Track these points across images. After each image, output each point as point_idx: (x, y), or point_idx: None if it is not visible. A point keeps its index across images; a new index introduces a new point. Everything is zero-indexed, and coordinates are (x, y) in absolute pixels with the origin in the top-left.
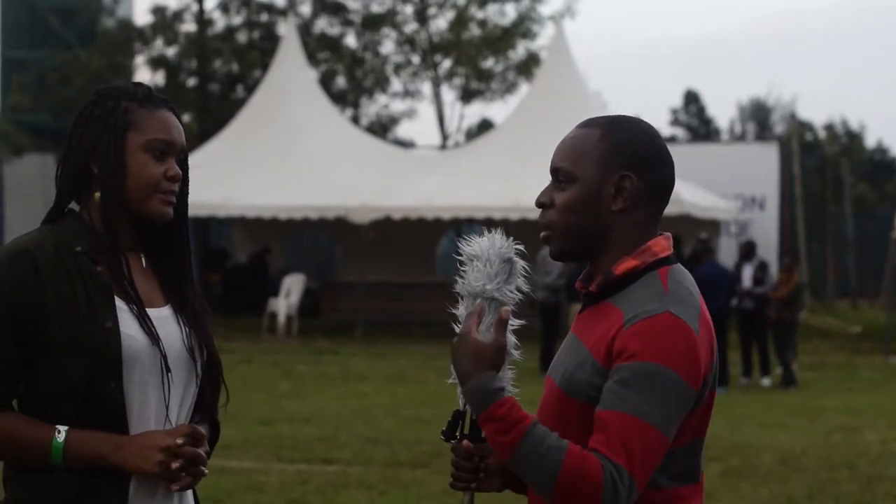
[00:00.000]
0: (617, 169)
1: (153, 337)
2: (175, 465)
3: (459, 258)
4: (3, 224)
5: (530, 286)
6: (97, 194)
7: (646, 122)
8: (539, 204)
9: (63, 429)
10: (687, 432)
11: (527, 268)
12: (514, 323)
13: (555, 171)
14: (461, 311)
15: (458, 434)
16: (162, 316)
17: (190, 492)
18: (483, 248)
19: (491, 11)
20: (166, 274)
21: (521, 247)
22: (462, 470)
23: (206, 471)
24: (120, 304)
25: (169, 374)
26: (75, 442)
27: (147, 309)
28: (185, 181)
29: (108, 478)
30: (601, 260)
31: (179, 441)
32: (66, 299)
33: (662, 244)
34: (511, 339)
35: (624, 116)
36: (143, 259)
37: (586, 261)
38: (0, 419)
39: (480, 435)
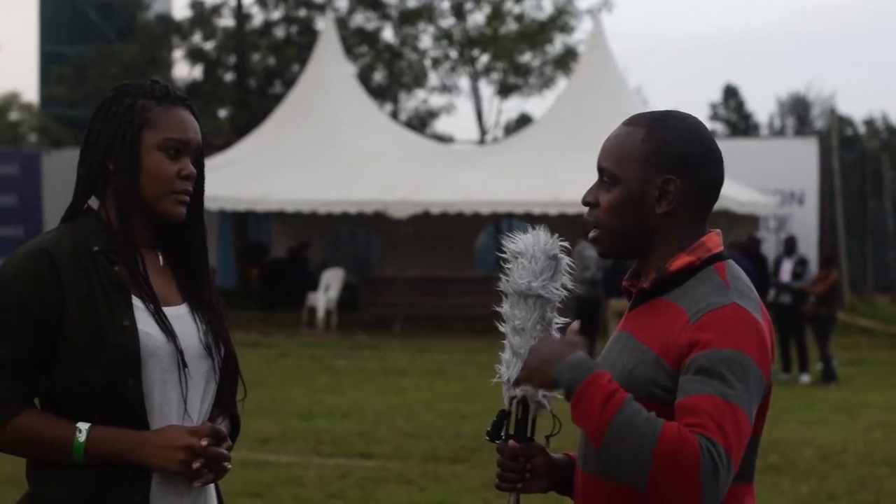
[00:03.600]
0: (660, 171)
1: (170, 334)
2: (196, 464)
3: (503, 255)
4: (42, 216)
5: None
6: (114, 192)
7: (693, 119)
8: (585, 203)
9: (84, 427)
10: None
11: (572, 264)
12: (559, 321)
13: (600, 169)
14: (505, 308)
15: (503, 434)
16: (179, 314)
17: (212, 486)
18: (528, 244)
19: (528, 6)
20: (183, 272)
21: (565, 243)
22: (508, 470)
23: (230, 466)
24: (137, 302)
25: (186, 371)
26: (96, 440)
27: (164, 307)
28: (200, 179)
29: (130, 473)
30: (649, 259)
31: (203, 443)
32: (84, 298)
33: (715, 240)
34: (557, 336)
35: (670, 113)
36: (160, 257)
37: (633, 259)
38: (22, 417)
39: (526, 435)
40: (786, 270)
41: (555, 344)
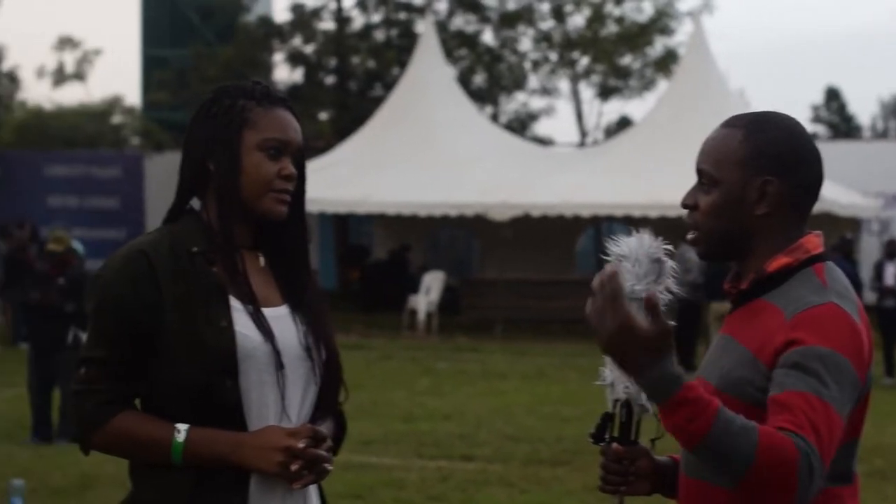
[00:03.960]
0: (759, 173)
1: (268, 335)
2: (295, 466)
3: (607, 258)
4: (144, 219)
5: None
6: (214, 193)
7: (792, 120)
8: (684, 205)
9: (183, 427)
10: (845, 430)
11: (675, 268)
12: None
13: (699, 171)
14: None
15: (607, 437)
16: (279, 315)
17: (313, 488)
18: (632, 248)
19: (628, 8)
20: (284, 273)
21: (669, 247)
22: (611, 473)
23: (330, 467)
24: (235, 303)
25: (283, 372)
26: (195, 441)
27: (263, 308)
28: (301, 180)
29: (229, 475)
30: (749, 260)
31: (301, 444)
32: (182, 299)
33: (814, 241)
34: None
35: (768, 114)
36: (260, 258)
37: (732, 261)
38: (121, 418)
39: (630, 437)
40: (890, 274)
41: (634, 349)
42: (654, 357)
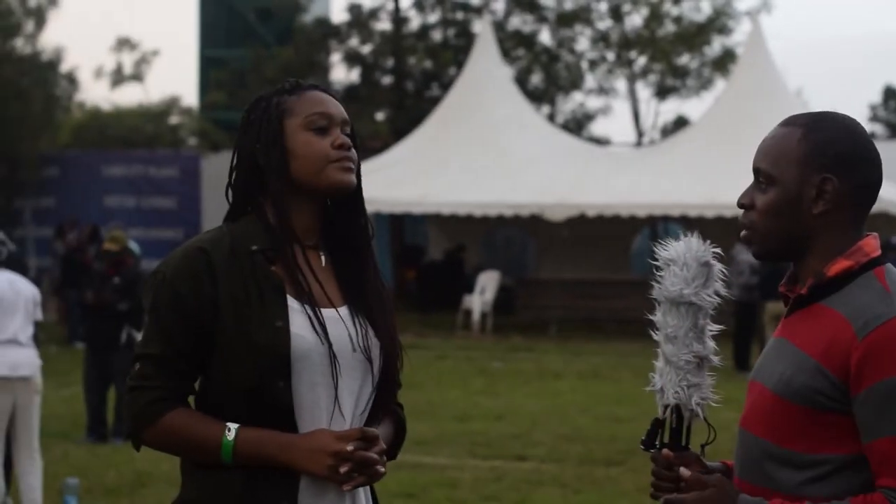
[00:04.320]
0: (817, 171)
1: (324, 336)
2: (344, 468)
3: (656, 262)
4: (201, 218)
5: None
6: (270, 188)
7: (851, 119)
8: (740, 205)
9: (233, 427)
10: None
11: (724, 271)
12: (712, 328)
13: (755, 171)
14: (658, 316)
15: (657, 443)
16: (338, 315)
17: (364, 489)
18: (679, 251)
19: (686, 7)
20: (346, 272)
21: (718, 249)
22: (662, 479)
23: (383, 470)
24: (293, 303)
25: (338, 375)
26: (245, 441)
27: (323, 309)
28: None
29: (278, 475)
30: (805, 261)
31: (350, 447)
32: (239, 298)
33: (873, 244)
34: (710, 344)
35: (827, 113)
36: (323, 258)
37: (788, 261)
38: (173, 415)
39: (681, 443)
40: None
41: (714, 499)
42: (729, 498)
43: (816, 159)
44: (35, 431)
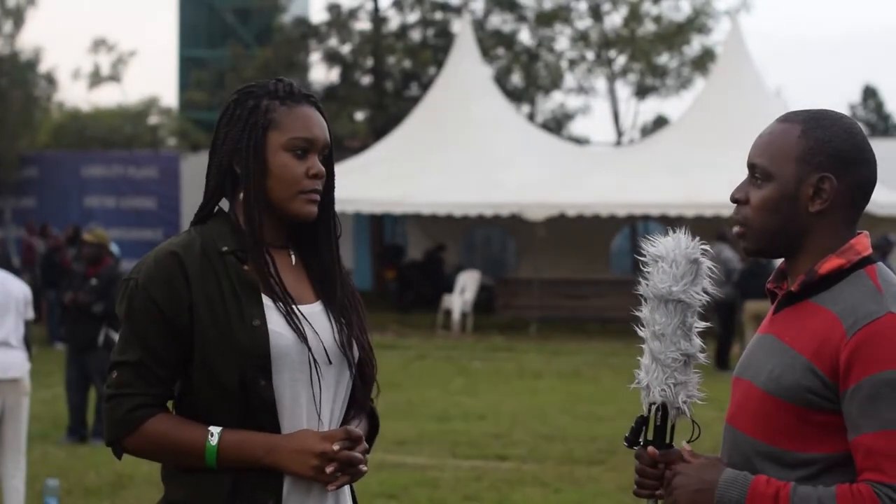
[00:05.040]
0: (816, 169)
1: (301, 334)
2: (330, 468)
3: (643, 259)
4: (180, 219)
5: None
6: (242, 194)
7: (848, 118)
8: (734, 200)
9: (216, 430)
10: None
11: (713, 268)
12: (700, 325)
13: (751, 166)
14: (645, 313)
15: (641, 440)
16: (312, 312)
17: (347, 488)
18: (668, 248)
19: (665, 7)
20: (316, 270)
21: (706, 247)
22: (646, 477)
23: (365, 469)
24: (267, 301)
25: (318, 371)
26: (228, 444)
27: (297, 306)
28: (330, 177)
29: (263, 476)
30: (797, 258)
31: (336, 447)
32: (214, 300)
33: (864, 242)
34: (697, 342)
35: (825, 111)
36: (292, 256)
37: (780, 258)
38: (154, 422)
39: (665, 441)
40: None
41: (697, 471)
42: (713, 479)
43: (815, 157)
44: (22, 434)
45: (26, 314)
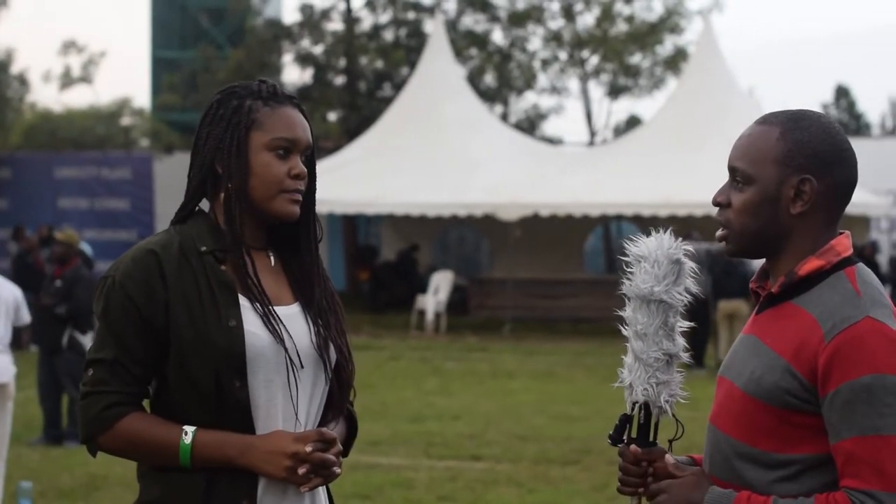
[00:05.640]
0: (796, 171)
1: (277, 335)
2: (302, 470)
3: (626, 259)
4: (154, 221)
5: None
6: (223, 194)
7: (827, 119)
8: (716, 203)
9: (190, 430)
10: None
11: (695, 269)
12: (682, 325)
13: (732, 169)
14: (628, 313)
15: (625, 438)
16: (290, 314)
17: (322, 489)
18: (651, 248)
19: (638, 7)
20: (295, 272)
21: (689, 247)
22: (630, 474)
23: (339, 471)
24: (244, 302)
25: (294, 372)
26: (202, 443)
27: (275, 307)
28: (311, 178)
29: (238, 476)
30: (779, 259)
31: (308, 449)
32: (191, 299)
33: (845, 243)
34: (680, 341)
35: (804, 112)
36: (271, 257)
37: (762, 259)
38: (129, 420)
39: (648, 439)
40: None
41: (683, 491)
42: (698, 495)
43: (795, 159)
44: (5, 437)
45: (21, 318)
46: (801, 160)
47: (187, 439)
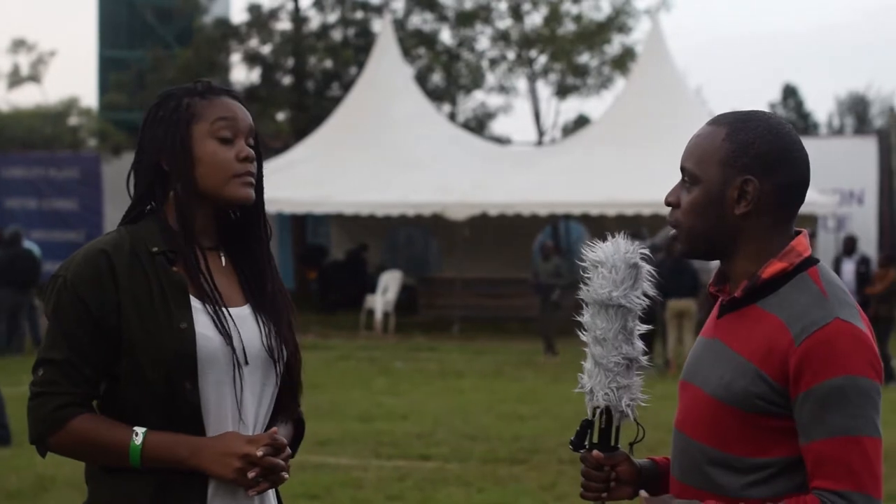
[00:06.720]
0: (740, 172)
1: (228, 336)
2: (252, 473)
3: (583, 264)
4: (102, 221)
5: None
6: (172, 192)
7: (777, 119)
8: (667, 203)
9: (141, 431)
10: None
11: (653, 272)
12: (641, 328)
13: (682, 170)
14: (586, 318)
15: (586, 444)
16: (241, 315)
17: (271, 491)
18: (608, 253)
19: (585, 6)
20: (246, 272)
21: (645, 251)
22: (592, 479)
23: (286, 475)
24: (196, 303)
25: (240, 374)
26: (153, 444)
27: (226, 308)
28: (259, 165)
29: (188, 478)
30: (733, 261)
31: (259, 452)
32: (142, 300)
33: (804, 243)
34: (639, 345)
35: (754, 113)
36: (222, 258)
37: (715, 260)
38: (79, 420)
39: (610, 444)
40: (847, 270)
41: None
42: None
43: (738, 160)
44: None
45: None
46: (745, 160)
47: (138, 440)
